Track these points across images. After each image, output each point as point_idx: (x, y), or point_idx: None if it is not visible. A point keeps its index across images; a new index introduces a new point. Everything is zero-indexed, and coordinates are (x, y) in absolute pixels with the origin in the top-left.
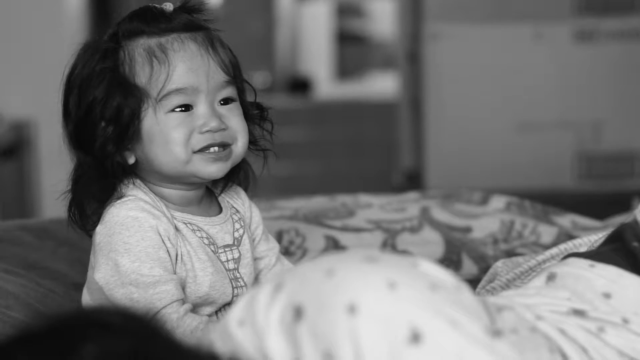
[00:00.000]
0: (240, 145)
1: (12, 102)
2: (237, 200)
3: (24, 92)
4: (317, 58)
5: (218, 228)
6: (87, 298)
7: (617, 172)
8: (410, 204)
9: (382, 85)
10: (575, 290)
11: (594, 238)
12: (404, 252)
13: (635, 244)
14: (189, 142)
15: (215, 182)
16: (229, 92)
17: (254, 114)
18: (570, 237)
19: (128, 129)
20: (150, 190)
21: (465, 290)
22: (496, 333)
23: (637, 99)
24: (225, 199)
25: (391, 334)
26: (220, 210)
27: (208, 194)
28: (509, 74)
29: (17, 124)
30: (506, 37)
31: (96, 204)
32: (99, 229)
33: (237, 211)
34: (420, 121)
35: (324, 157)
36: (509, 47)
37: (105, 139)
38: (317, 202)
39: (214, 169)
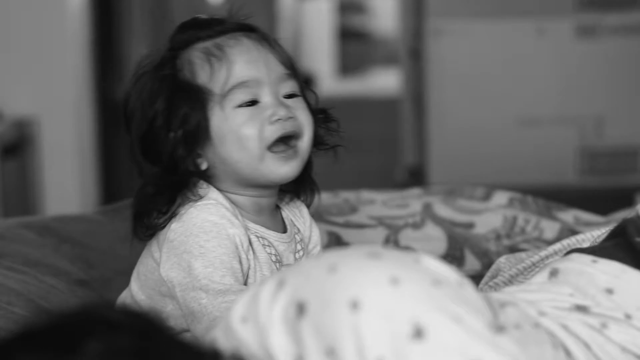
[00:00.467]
0: (305, 140)
1: (14, 100)
2: (299, 218)
3: (26, 90)
4: (319, 55)
5: (285, 246)
6: (136, 288)
7: (619, 168)
8: (412, 200)
9: (385, 81)
10: (577, 286)
11: (596, 233)
12: (407, 248)
13: (638, 239)
14: (262, 136)
15: (281, 194)
16: (291, 86)
17: (318, 118)
18: (573, 232)
19: (198, 130)
20: (226, 197)
21: (467, 286)
22: (499, 329)
23: (639, 94)
24: (289, 216)
25: (394, 330)
26: (285, 227)
27: (275, 209)
28: (512, 69)
29: (19, 121)
30: (508, 33)
31: (158, 215)
32: (174, 226)
33: (299, 230)
34: (422, 117)
35: (326, 154)
36: (511, 43)
37: (175, 143)
38: (320, 199)
39: (286, 169)
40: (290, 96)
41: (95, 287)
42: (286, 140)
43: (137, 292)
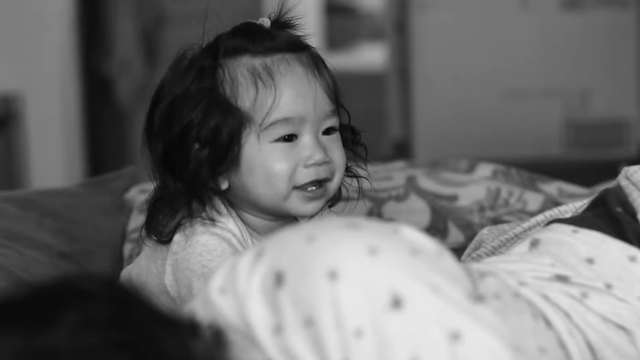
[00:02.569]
0: (336, 181)
1: None
2: None
3: (11, 66)
4: (305, 29)
5: None
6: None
7: (604, 140)
8: (396, 173)
9: (371, 56)
10: (558, 256)
11: (579, 204)
12: (389, 220)
13: (619, 209)
14: (293, 177)
15: None
16: (334, 121)
17: (346, 137)
18: (557, 204)
19: (227, 153)
20: (238, 216)
21: (446, 256)
22: (478, 298)
23: (624, 66)
24: None
25: (372, 300)
26: None
27: (291, 221)
28: (497, 42)
29: (4, 97)
30: (493, 5)
31: (173, 222)
32: (178, 238)
33: None
34: (408, 91)
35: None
36: (496, 16)
37: (200, 162)
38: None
39: (310, 208)
40: (329, 130)
41: (78, 260)
42: (317, 182)
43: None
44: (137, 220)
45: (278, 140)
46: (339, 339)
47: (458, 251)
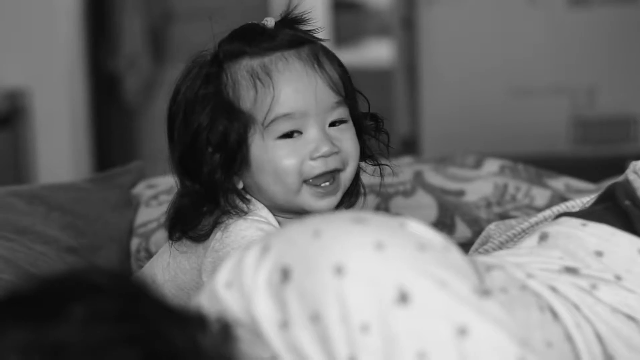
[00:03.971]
0: (349, 171)
1: (6, 71)
2: None
3: (18, 61)
4: (315, 24)
5: None
6: (160, 279)
7: (612, 137)
8: (403, 168)
9: (378, 52)
10: (567, 249)
11: (586, 199)
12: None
13: (627, 202)
14: (301, 170)
15: None
16: (340, 113)
17: (368, 126)
18: (564, 200)
19: (236, 155)
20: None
21: (453, 250)
22: (485, 292)
23: (631, 63)
24: None
25: (378, 295)
26: None
27: None
28: (504, 39)
29: (12, 92)
30: (500, 1)
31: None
32: (220, 236)
33: None
34: (415, 88)
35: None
36: (504, 12)
37: (213, 166)
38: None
39: (324, 204)
40: (338, 122)
41: (85, 255)
42: (328, 174)
43: (160, 283)
44: (143, 215)
45: (282, 137)
46: (345, 334)
47: (465, 246)
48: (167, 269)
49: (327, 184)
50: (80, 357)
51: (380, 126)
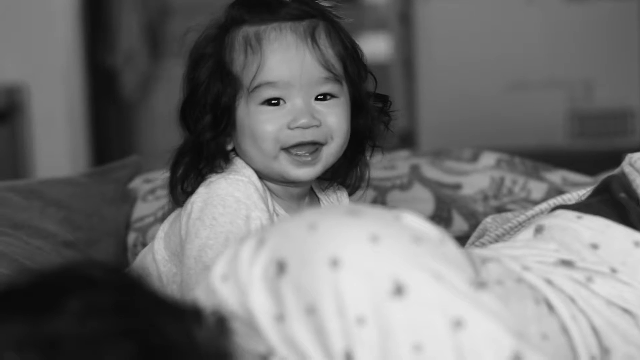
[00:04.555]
0: (333, 146)
1: (4, 67)
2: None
3: (16, 57)
4: None
5: None
6: (160, 246)
7: (608, 130)
8: (400, 162)
9: (375, 46)
10: (562, 242)
11: (582, 192)
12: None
13: (623, 194)
14: (278, 138)
15: (321, 182)
16: (329, 88)
17: (372, 107)
18: (561, 193)
19: (223, 117)
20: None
21: (448, 243)
22: (480, 285)
23: (628, 57)
24: (330, 202)
25: (374, 288)
26: None
27: (311, 194)
28: (501, 33)
29: (9, 88)
30: None
31: (195, 180)
32: (200, 190)
33: None
34: (412, 82)
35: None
36: (500, 6)
37: (203, 125)
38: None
39: (301, 173)
40: (326, 96)
41: (82, 249)
42: (309, 145)
43: (160, 250)
44: (140, 209)
45: (264, 103)
46: (341, 326)
47: (462, 240)
48: (167, 234)
49: (306, 153)
50: (75, 350)
51: (386, 108)
